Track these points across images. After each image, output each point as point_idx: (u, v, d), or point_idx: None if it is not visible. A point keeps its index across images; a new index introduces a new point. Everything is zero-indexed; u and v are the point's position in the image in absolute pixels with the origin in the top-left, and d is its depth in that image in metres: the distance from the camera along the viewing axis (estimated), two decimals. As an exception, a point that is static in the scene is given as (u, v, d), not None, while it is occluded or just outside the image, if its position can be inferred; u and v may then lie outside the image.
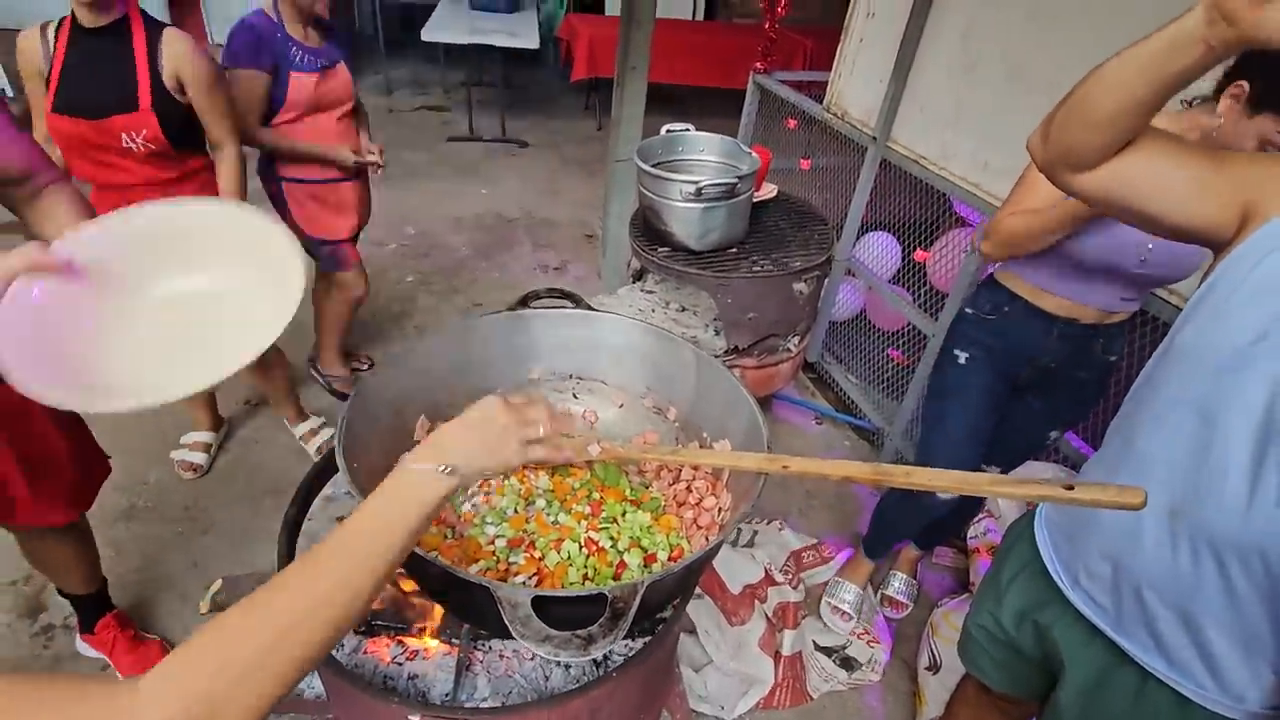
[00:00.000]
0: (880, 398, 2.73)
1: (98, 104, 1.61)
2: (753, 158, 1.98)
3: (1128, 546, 0.90)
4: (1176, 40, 0.73)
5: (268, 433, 2.46)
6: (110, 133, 1.63)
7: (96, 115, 1.61)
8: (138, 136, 1.65)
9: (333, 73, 2.03)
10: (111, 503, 2.14)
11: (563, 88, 6.27)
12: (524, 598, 0.69)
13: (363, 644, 1.04)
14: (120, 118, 1.62)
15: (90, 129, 1.62)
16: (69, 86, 1.60)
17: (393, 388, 1.04)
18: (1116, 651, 0.96)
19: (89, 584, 1.63)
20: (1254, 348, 0.75)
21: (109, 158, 1.68)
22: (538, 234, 4.01)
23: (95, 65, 1.60)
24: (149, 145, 1.67)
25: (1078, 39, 1.79)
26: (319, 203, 2.16)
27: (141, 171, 1.71)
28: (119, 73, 1.62)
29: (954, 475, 0.78)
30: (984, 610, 1.20)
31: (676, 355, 1.18)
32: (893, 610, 2.08)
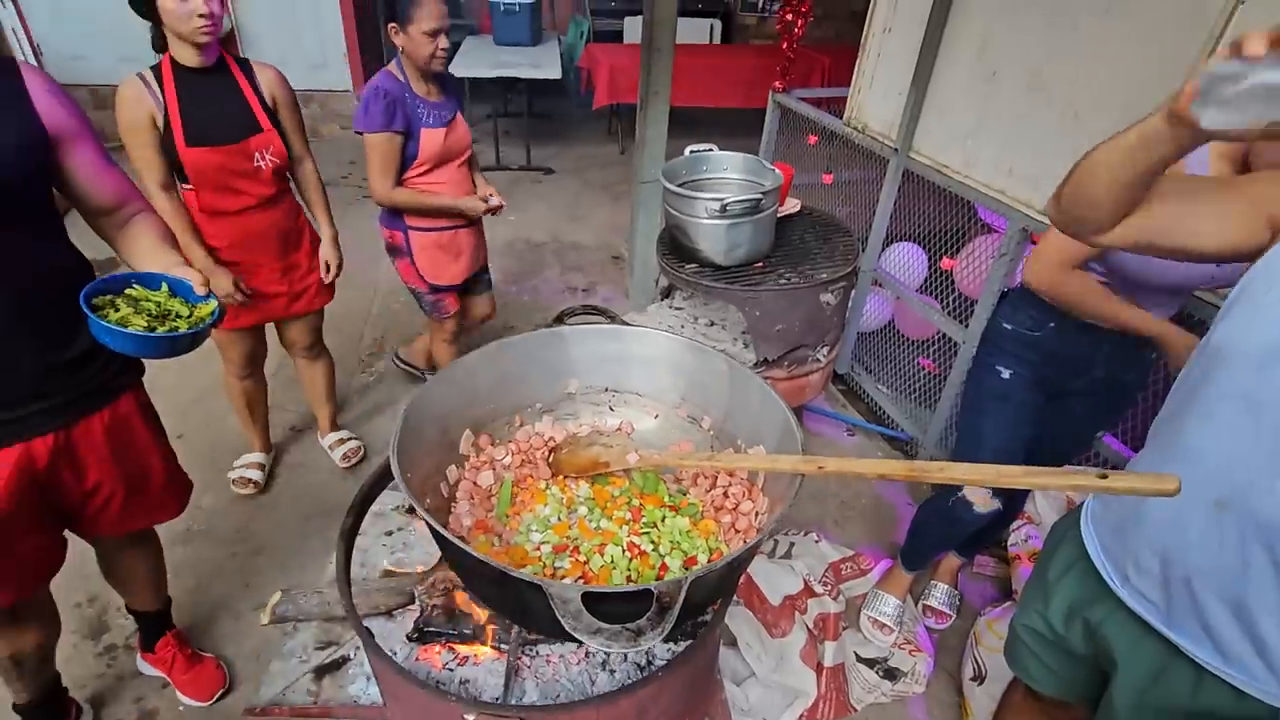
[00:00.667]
0: (912, 407, 2.72)
1: (232, 130, 1.77)
2: (775, 174, 2.03)
3: (1176, 540, 0.90)
4: (1147, 138, 0.80)
5: (313, 458, 2.54)
6: (246, 154, 1.79)
7: (234, 140, 1.77)
8: (267, 153, 1.83)
9: (455, 124, 2.13)
10: (167, 527, 2.22)
11: (585, 115, 6.41)
12: (574, 594, 0.73)
13: (415, 651, 1.08)
14: (254, 138, 1.80)
15: (228, 154, 1.77)
16: (197, 121, 1.73)
17: (439, 404, 1.10)
18: (1170, 647, 0.95)
19: (158, 600, 1.71)
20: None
21: (237, 181, 1.82)
22: (565, 257, 4.10)
23: (214, 100, 1.75)
24: (274, 160, 1.85)
25: (1098, 44, 1.81)
26: (441, 249, 2.25)
27: (258, 190, 1.87)
28: (238, 102, 1.78)
29: (989, 469, 0.80)
30: (1031, 611, 1.19)
31: (709, 365, 1.21)
32: (935, 621, 2.06)
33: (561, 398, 1.28)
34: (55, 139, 1.10)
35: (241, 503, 2.33)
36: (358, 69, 5.50)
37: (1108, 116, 1.79)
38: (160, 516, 1.52)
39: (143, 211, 1.27)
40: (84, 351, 1.17)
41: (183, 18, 1.60)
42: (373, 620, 1.14)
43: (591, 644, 0.69)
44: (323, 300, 2.18)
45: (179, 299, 1.11)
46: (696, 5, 6.65)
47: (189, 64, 1.71)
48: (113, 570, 1.62)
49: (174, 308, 1.09)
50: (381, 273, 3.70)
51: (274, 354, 2.30)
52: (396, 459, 0.91)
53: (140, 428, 1.36)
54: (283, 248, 2.00)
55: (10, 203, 1.05)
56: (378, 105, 1.95)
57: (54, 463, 1.21)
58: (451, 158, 2.14)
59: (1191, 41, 1.59)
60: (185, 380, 2.82)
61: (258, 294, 2.00)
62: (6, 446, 1.14)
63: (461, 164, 2.20)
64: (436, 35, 1.93)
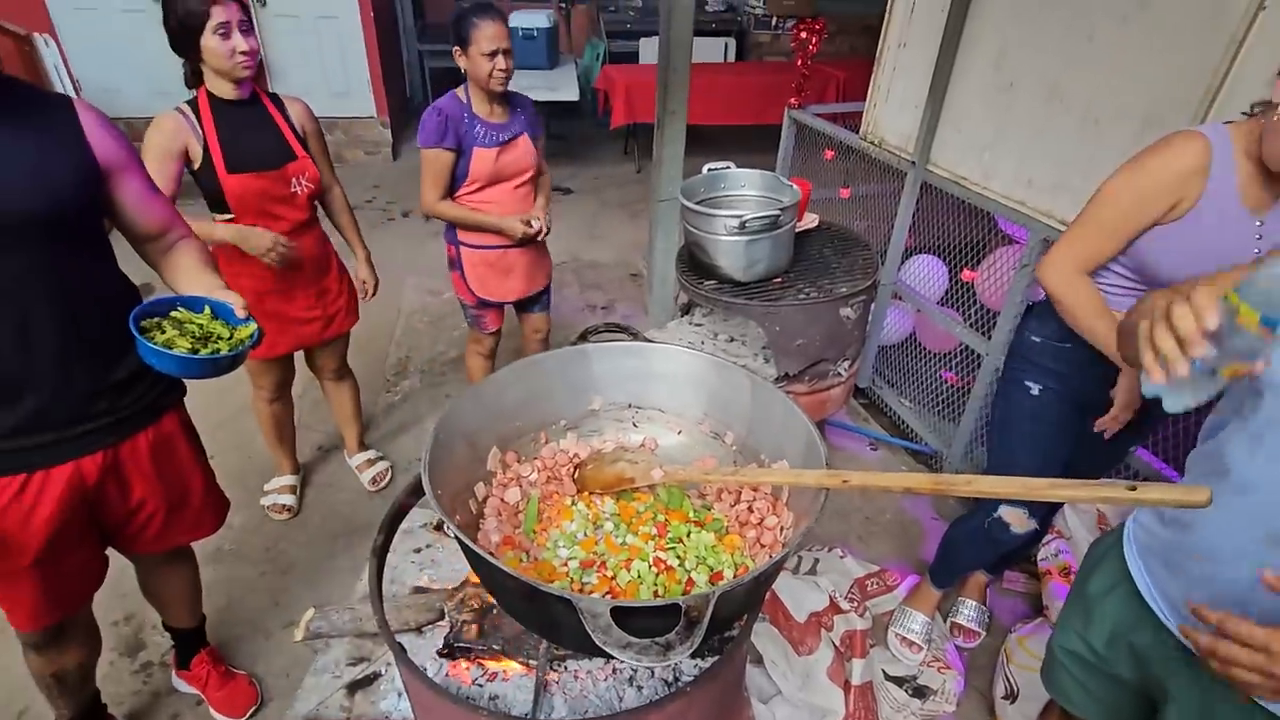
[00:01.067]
0: (936, 420, 2.70)
1: (270, 157, 1.85)
2: (793, 189, 2.04)
3: (1228, 577, 0.87)
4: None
5: (340, 477, 2.58)
6: (285, 179, 1.87)
7: (274, 166, 1.85)
8: (304, 179, 1.91)
9: (513, 145, 2.16)
10: (198, 547, 2.27)
11: (601, 135, 6.50)
12: (603, 608, 0.73)
13: (445, 667, 1.09)
14: (291, 165, 1.87)
15: (269, 180, 1.84)
16: (237, 150, 1.80)
17: (467, 422, 1.12)
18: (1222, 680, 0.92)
19: (193, 617, 1.75)
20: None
21: (275, 207, 1.89)
22: (584, 275, 4.14)
23: (251, 130, 1.83)
24: (310, 185, 1.93)
25: (1116, 53, 1.81)
26: (489, 266, 2.30)
27: (293, 216, 1.94)
28: (273, 132, 1.86)
29: (1015, 482, 0.79)
30: (1070, 632, 1.15)
31: (731, 380, 1.22)
32: (964, 639, 2.03)
33: (586, 414, 1.30)
34: (106, 171, 1.16)
35: (271, 522, 2.37)
36: (381, 96, 5.64)
37: (1128, 125, 1.78)
38: (199, 533, 1.56)
39: (185, 238, 1.32)
40: (131, 372, 1.22)
41: (224, 55, 1.68)
42: (403, 636, 1.15)
43: (621, 658, 0.70)
44: (351, 322, 2.24)
45: (220, 321, 1.15)
46: (711, 25, 6.73)
47: (226, 97, 1.78)
48: (151, 587, 1.66)
49: (216, 330, 1.13)
50: (405, 293, 3.77)
51: (301, 376, 2.35)
52: (428, 476, 0.92)
53: (182, 445, 1.41)
54: (316, 273, 2.06)
55: (68, 232, 1.10)
56: (432, 122, 2.05)
57: (102, 480, 1.25)
58: (504, 178, 2.18)
59: (1213, 47, 1.58)
60: (215, 402, 2.89)
61: (292, 320, 2.06)
62: (60, 464, 1.19)
63: (520, 185, 2.22)
64: (494, 56, 1.99)
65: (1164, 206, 1.29)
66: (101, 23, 4.91)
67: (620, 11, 6.97)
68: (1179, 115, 1.67)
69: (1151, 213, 1.30)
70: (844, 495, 2.56)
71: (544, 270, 2.44)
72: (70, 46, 4.85)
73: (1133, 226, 1.32)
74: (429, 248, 4.36)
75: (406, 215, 4.82)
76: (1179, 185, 1.26)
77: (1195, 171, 1.25)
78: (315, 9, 5.27)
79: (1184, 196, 1.27)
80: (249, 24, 1.71)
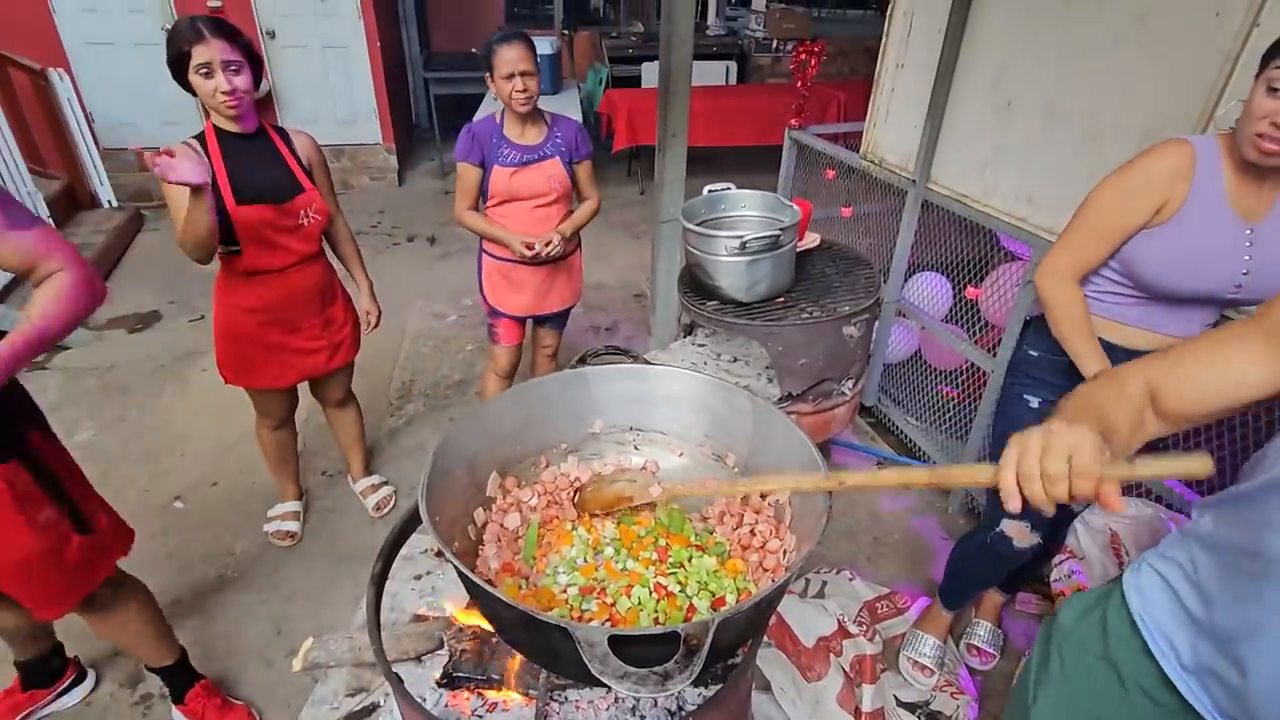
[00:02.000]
0: (943, 439, 2.67)
1: (280, 191, 1.86)
2: (794, 209, 2.05)
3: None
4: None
5: (343, 502, 2.57)
6: (292, 212, 1.88)
7: (283, 199, 1.86)
8: (311, 212, 1.92)
9: (535, 167, 2.21)
10: (201, 574, 2.27)
11: (604, 158, 6.55)
12: (600, 637, 0.72)
13: (444, 697, 1.07)
14: (300, 198, 1.89)
15: (276, 212, 1.85)
16: (245, 182, 1.81)
17: (467, 446, 1.11)
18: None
19: (163, 655, 1.71)
20: None
21: (282, 238, 1.90)
22: (588, 296, 4.14)
23: (258, 163, 1.84)
24: (317, 217, 1.94)
25: (1113, 70, 1.82)
26: (501, 277, 2.39)
27: (301, 248, 1.95)
28: (280, 165, 1.87)
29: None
30: None
31: (732, 402, 1.21)
32: (979, 660, 1.98)
33: (586, 438, 1.29)
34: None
35: (274, 549, 2.36)
36: (387, 124, 5.72)
37: (1127, 140, 1.79)
38: (45, 611, 1.41)
39: (60, 271, 1.21)
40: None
41: (208, 95, 1.70)
42: (402, 666, 1.13)
43: (619, 688, 0.69)
44: (356, 349, 2.25)
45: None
46: (712, 49, 6.82)
47: (230, 130, 1.80)
48: (107, 636, 1.62)
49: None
50: (410, 317, 3.79)
51: (305, 402, 2.35)
52: (425, 503, 0.92)
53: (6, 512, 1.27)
54: (321, 303, 2.07)
55: None
56: (464, 139, 2.19)
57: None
58: (520, 197, 2.24)
59: (1208, 64, 1.59)
60: (219, 429, 2.89)
61: (298, 352, 2.06)
62: None
63: (540, 206, 2.28)
64: (511, 78, 2.06)
65: (1149, 208, 1.30)
66: (114, 57, 5.02)
67: (622, 37, 7.08)
68: (1177, 131, 1.67)
69: (1137, 214, 1.31)
70: (851, 516, 2.53)
71: (562, 293, 2.49)
72: (84, 80, 4.96)
73: (1120, 229, 1.34)
74: (434, 272, 4.39)
75: (411, 240, 4.87)
76: (1163, 186, 1.28)
77: (1179, 173, 1.27)
78: (323, 39, 5.38)
79: (1169, 198, 1.28)
80: (240, 64, 1.69)
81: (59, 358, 3.35)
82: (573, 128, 2.27)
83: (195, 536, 2.41)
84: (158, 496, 2.57)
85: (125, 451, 2.79)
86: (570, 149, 2.27)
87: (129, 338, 3.63)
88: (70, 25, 4.90)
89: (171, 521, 2.47)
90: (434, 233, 4.97)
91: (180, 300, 3.92)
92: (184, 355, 3.43)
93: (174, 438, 2.87)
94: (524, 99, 2.10)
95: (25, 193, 3.86)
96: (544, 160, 2.22)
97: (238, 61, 1.69)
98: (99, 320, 3.77)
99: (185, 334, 3.62)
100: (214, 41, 1.64)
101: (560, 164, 2.24)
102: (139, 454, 2.77)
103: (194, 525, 2.46)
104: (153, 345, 3.54)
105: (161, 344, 3.55)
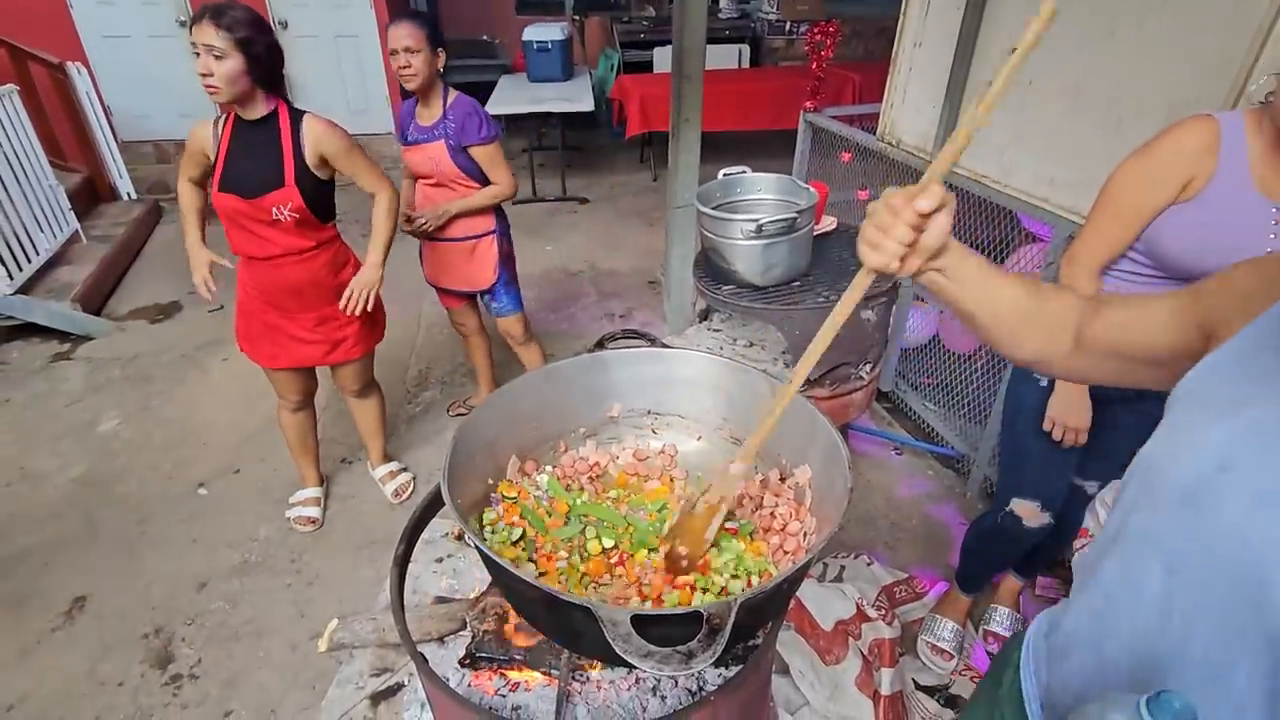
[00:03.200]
0: (962, 423, 2.65)
1: (251, 185, 1.87)
2: (810, 192, 2.02)
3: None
4: None
5: (363, 489, 2.60)
6: (262, 208, 1.88)
7: (251, 195, 1.86)
8: (285, 209, 1.90)
9: (418, 148, 2.29)
10: (225, 558, 2.31)
11: (617, 145, 6.53)
12: (624, 616, 0.72)
13: (468, 677, 1.08)
14: (270, 195, 1.87)
15: (246, 205, 1.87)
16: (230, 170, 1.86)
17: (486, 430, 1.11)
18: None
19: None
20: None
21: (260, 230, 1.92)
22: (602, 284, 4.15)
23: (252, 152, 1.87)
24: (295, 215, 1.92)
25: (1137, 49, 1.78)
26: (428, 250, 2.53)
27: (285, 241, 1.95)
28: (270, 157, 1.87)
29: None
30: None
31: (750, 386, 1.21)
32: (997, 646, 1.98)
33: (604, 421, 1.29)
34: None
35: (296, 534, 2.40)
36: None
37: (1152, 120, 1.75)
38: None
39: None
40: None
41: (200, 78, 1.73)
42: (425, 646, 1.15)
43: (643, 666, 0.69)
44: (362, 349, 2.23)
45: None
46: (724, 32, 6.74)
47: (245, 116, 1.84)
48: None
49: None
50: (425, 306, 3.81)
51: (324, 389, 2.38)
52: (447, 485, 0.92)
53: None
54: (317, 300, 2.06)
55: None
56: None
57: None
58: (417, 174, 2.37)
59: (1238, 39, 1.54)
60: (240, 417, 2.94)
61: (292, 338, 2.09)
62: None
63: (434, 185, 2.37)
64: (395, 54, 2.16)
65: (1174, 185, 1.27)
66: (131, 50, 5.07)
67: (633, 22, 7.02)
68: (1204, 109, 1.62)
69: (1162, 192, 1.28)
70: (869, 502, 2.52)
71: (463, 272, 2.52)
72: (101, 73, 5.01)
73: (1145, 209, 1.31)
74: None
75: (426, 229, 4.88)
76: (1188, 163, 1.25)
77: (1204, 149, 1.24)
78: (335, 28, 5.39)
79: (1194, 175, 1.26)
80: (223, 51, 1.70)
81: (83, 348, 3.41)
82: (464, 111, 2.27)
83: (219, 522, 2.45)
84: (181, 483, 2.62)
85: (149, 440, 2.84)
86: (458, 133, 2.26)
87: (150, 328, 3.68)
88: (87, 19, 4.94)
89: (196, 507, 2.52)
90: (448, 221, 4.99)
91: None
92: (205, 345, 3.47)
93: (196, 426, 2.91)
94: (406, 75, 2.18)
95: (47, 185, 3.90)
96: (428, 143, 2.28)
97: (221, 48, 1.70)
98: (120, 311, 3.83)
99: (205, 324, 3.66)
100: (205, 25, 1.68)
101: (443, 148, 2.26)
102: (162, 442, 2.82)
103: (217, 511, 2.50)
104: (174, 335, 3.59)
105: (182, 334, 3.60)
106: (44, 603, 2.15)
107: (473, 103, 2.31)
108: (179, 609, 2.13)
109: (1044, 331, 0.80)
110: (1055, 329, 0.80)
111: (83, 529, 2.39)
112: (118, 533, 2.39)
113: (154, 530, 2.41)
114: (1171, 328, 0.72)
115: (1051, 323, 0.79)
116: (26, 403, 3.00)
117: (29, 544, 2.36)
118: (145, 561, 2.30)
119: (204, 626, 2.08)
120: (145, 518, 2.46)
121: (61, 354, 3.35)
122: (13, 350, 3.38)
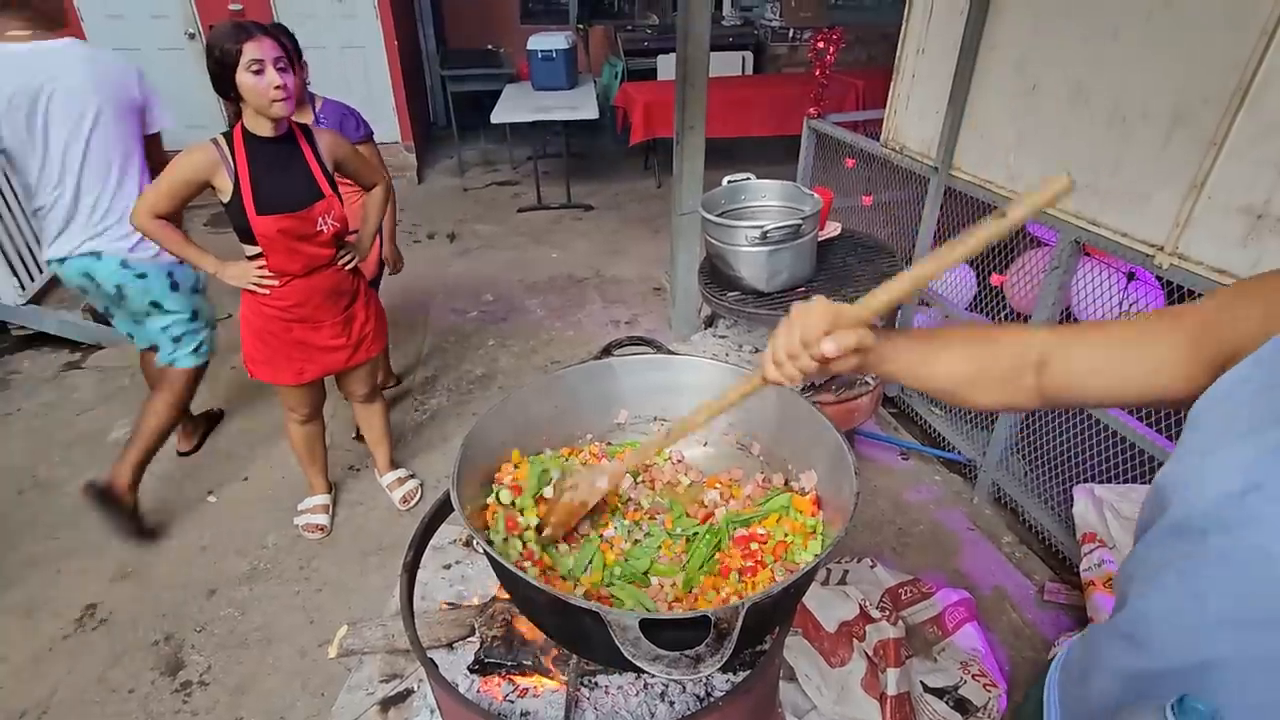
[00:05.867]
0: (969, 429, 2.65)
1: (298, 198, 1.87)
2: (814, 198, 2.03)
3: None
4: None
5: (370, 496, 2.61)
6: (310, 220, 1.88)
7: (300, 207, 1.86)
8: (329, 218, 1.92)
9: None
10: (234, 566, 2.32)
11: (621, 152, 6.55)
12: (633, 620, 0.73)
13: (476, 683, 1.09)
14: (318, 205, 1.89)
15: (295, 220, 1.86)
16: (267, 190, 1.83)
17: (494, 437, 1.12)
18: None
19: None
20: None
21: (303, 245, 1.91)
22: (607, 291, 4.16)
23: (282, 168, 1.86)
24: (336, 224, 1.94)
25: (1141, 51, 1.78)
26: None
27: (322, 253, 1.97)
28: (303, 171, 1.88)
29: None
30: None
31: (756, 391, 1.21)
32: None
33: (611, 428, 1.30)
34: None
35: (305, 541, 2.41)
36: (406, 122, 5.78)
37: (1157, 123, 1.75)
38: None
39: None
40: None
41: (258, 92, 1.70)
42: (435, 652, 1.16)
43: (651, 671, 0.70)
44: (380, 344, 2.27)
45: None
46: (728, 39, 6.77)
47: (262, 134, 1.81)
48: None
49: None
50: (432, 313, 3.83)
51: (331, 396, 2.39)
52: (457, 491, 0.93)
53: None
54: (343, 302, 2.09)
55: None
56: None
57: None
58: None
59: (1243, 40, 1.55)
60: (250, 425, 2.95)
61: (320, 349, 2.09)
62: None
63: None
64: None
65: None
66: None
67: (637, 30, 7.06)
68: (1209, 111, 1.63)
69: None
70: (875, 508, 2.52)
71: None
72: (111, 85, 5.05)
73: None
74: (454, 268, 4.43)
75: (432, 237, 4.91)
76: None
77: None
78: (341, 39, 5.44)
79: None
80: (287, 61, 1.73)
81: (94, 357, 3.44)
82: (336, 116, 2.30)
83: (228, 529, 2.47)
84: (191, 491, 2.64)
85: (159, 448, 2.85)
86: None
87: (160, 337, 3.70)
88: (96, 31, 5.00)
89: (205, 515, 2.54)
90: (454, 230, 5.02)
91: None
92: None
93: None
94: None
95: (58, 197, 3.93)
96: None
97: (286, 58, 1.74)
98: (131, 320, 3.85)
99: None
100: (264, 39, 1.69)
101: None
102: (171, 449, 2.84)
103: (226, 518, 2.52)
104: (183, 344, 3.61)
105: (191, 343, 3.62)
106: (56, 610, 2.17)
107: (341, 106, 2.39)
108: (189, 616, 2.15)
109: (995, 385, 0.78)
110: (1008, 378, 0.77)
111: (93, 537, 2.40)
112: (128, 540, 2.41)
113: (164, 538, 2.43)
114: (1178, 373, 0.66)
115: (1002, 373, 0.77)
116: (38, 411, 3.03)
117: (41, 552, 2.38)
118: (155, 569, 2.31)
119: (214, 633, 2.09)
120: (155, 526, 2.47)
121: (72, 363, 3.38)
122: (24, 359, 3.42)
